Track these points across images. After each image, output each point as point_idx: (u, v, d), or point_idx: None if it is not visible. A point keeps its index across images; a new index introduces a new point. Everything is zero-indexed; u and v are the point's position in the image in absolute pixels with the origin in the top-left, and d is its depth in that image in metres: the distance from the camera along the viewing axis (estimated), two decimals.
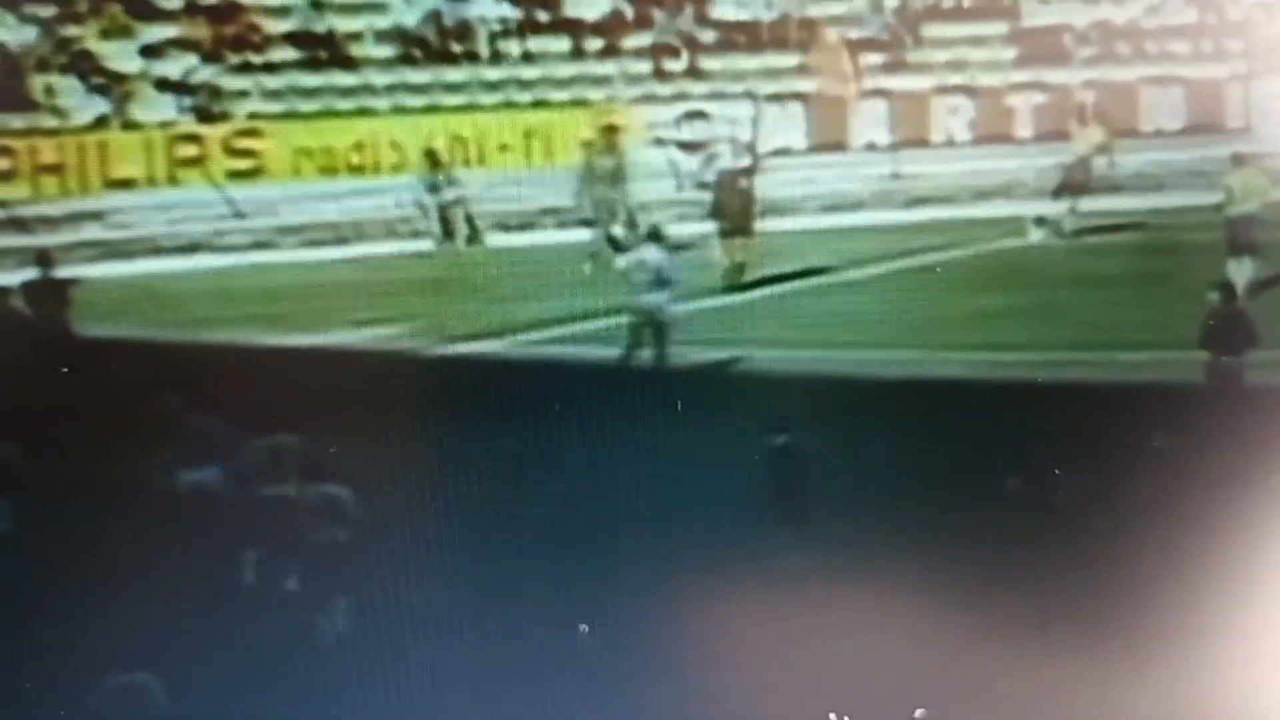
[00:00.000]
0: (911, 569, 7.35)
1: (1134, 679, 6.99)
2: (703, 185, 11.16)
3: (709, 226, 10.45)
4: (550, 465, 7.74)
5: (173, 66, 11.60)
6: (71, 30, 11.61)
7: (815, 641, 7.00)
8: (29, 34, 11.61)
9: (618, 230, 10.81)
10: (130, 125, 11.28)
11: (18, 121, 11.19)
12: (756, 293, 10.34)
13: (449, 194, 11.14)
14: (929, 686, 7.11)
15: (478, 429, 8.03)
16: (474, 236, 11.10)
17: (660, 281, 9.70)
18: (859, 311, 9.78)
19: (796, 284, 10.32)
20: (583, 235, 10.75)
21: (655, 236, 10.06)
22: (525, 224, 10.88)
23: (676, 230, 10.36)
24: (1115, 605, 7.25)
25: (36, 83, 11.29)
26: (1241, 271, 10.23)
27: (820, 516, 7.67)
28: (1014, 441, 8.36)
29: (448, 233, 11.10)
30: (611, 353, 9.36)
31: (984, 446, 8.33)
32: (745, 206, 10.70)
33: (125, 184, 10.98)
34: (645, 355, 9.50)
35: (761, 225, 10.63)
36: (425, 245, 11.01)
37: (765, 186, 11.16)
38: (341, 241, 10.94)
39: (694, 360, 9.28)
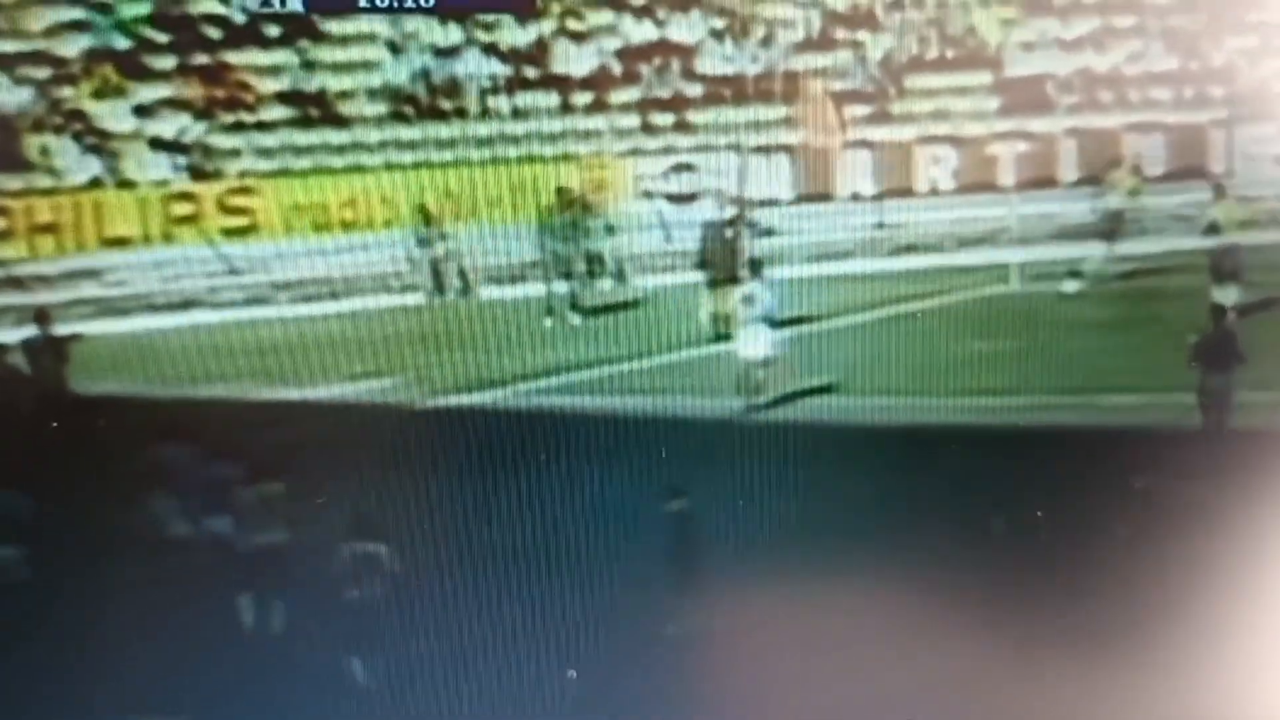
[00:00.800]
0: (897, 608, 7.78)
1: None
2: (690, 236, 11.72)
3: (696, 276, 11.03)
4: (541, 515, 8.35)
5: (166, 126, 12.23)
6: (65, 91, 12.24)
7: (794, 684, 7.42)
8: (24, 95, 12.26)
9: (577, 285, 11.36)
10: (124, 184, 11.90)
11: (14, 182, 11.80)
12: (730, 344, 10.82)
13: (440, 248, 11.72)
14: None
15: (470, 480, 8.50)
16: (465, 289, 11.67)
17: (765, 318, 10.27)
18: (847, 358, 10.30)
19: (784, 332, 10.81)
20: (561, 288, 11.30)
21: (757, 270, 10.63)
22: (516, 276, 11.46)
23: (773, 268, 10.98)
24: (1095, 650, 7.67)
25: (32, 143, 11.91)
26: (1226, 298, 10.83)
27: (810, 559, 8.09)
28: (1000, 484, 8.81)
29: (439, 286, 11.66)
30: (622, 400, 9.84)
31: (969, 489, 8.77)
32: (732, 256, 11.24)
33: (120, 242, 11.57)
34: (740, 390, 10.31)
35: (744, 275, 11.14)
36: (417, 299, 11.55)
37: (751, 236, 11.71)
38: (334, 296, 11.46)
39: (680, 406, 9.79)
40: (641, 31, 13.51)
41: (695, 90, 13.10)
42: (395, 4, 8.43)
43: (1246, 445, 9.38)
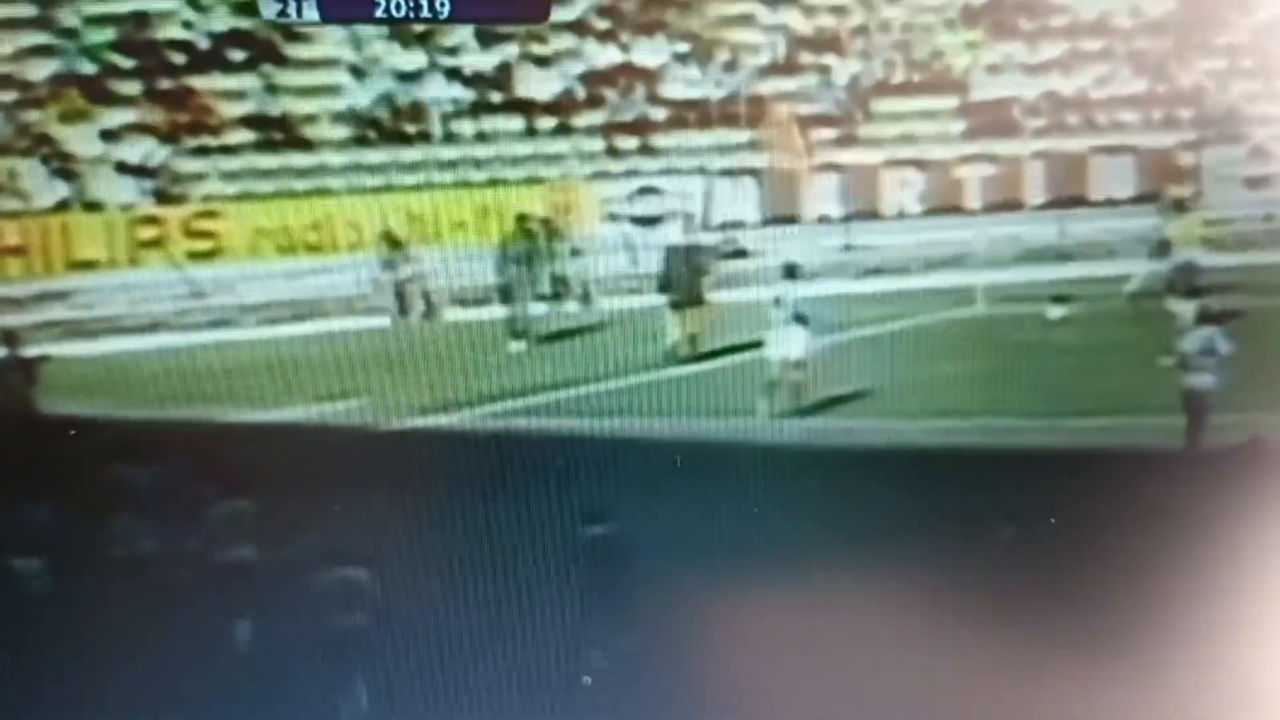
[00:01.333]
0: (859, 638, 7.91)
1: None
2: (657, 259, 11.91)
3: (659, 299, 11.23)
4: (508, 536, 8.44)
5: (131, 150, 12.52)
6: (33, 115, 12.53)
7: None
8: None
9: (542, 308, 11.58)
10: (91, 207, 12.18)
11: None
12: (709, 364, 11.01)
13: (405, 270, 11.96)
14: None
15: (434, 502, 8.70)
16: (430, 312, 11.89)
17: (798, 318, 10.48)
18: (812, 380, 10.44)
19: (750, 355, 10.96)
20: (527, 311, 11.50)
21: (791, 273, 10.85)
22: (481, 299, 11.67)
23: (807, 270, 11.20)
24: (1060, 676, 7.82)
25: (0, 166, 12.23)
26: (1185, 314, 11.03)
27: (773, 584, 8.23)
28: (961, 506, 8.94)
29: (404, 309, 11.89)
30: (588, 422, 10.01)
31: (936, 511, 8.90)
32: (696, 279, 11.48)
33: (87, 265, 11.84)
34: (771, 396, 10.52)
35: (713, 297, 11.37)
36: (382, 321, 11.75)
37: (717, 259, 11.94)
38: (299, 319, 11.68)
39: (646, 429, 9.93)
40: (605, 55, 13.88)
41: (660, 114, 13.42)
42: (410, 13, 8.64)
43: (1220, 464, 9.54)
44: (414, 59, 13.39)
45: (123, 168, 12.57)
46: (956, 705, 7.74)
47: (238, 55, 13.13)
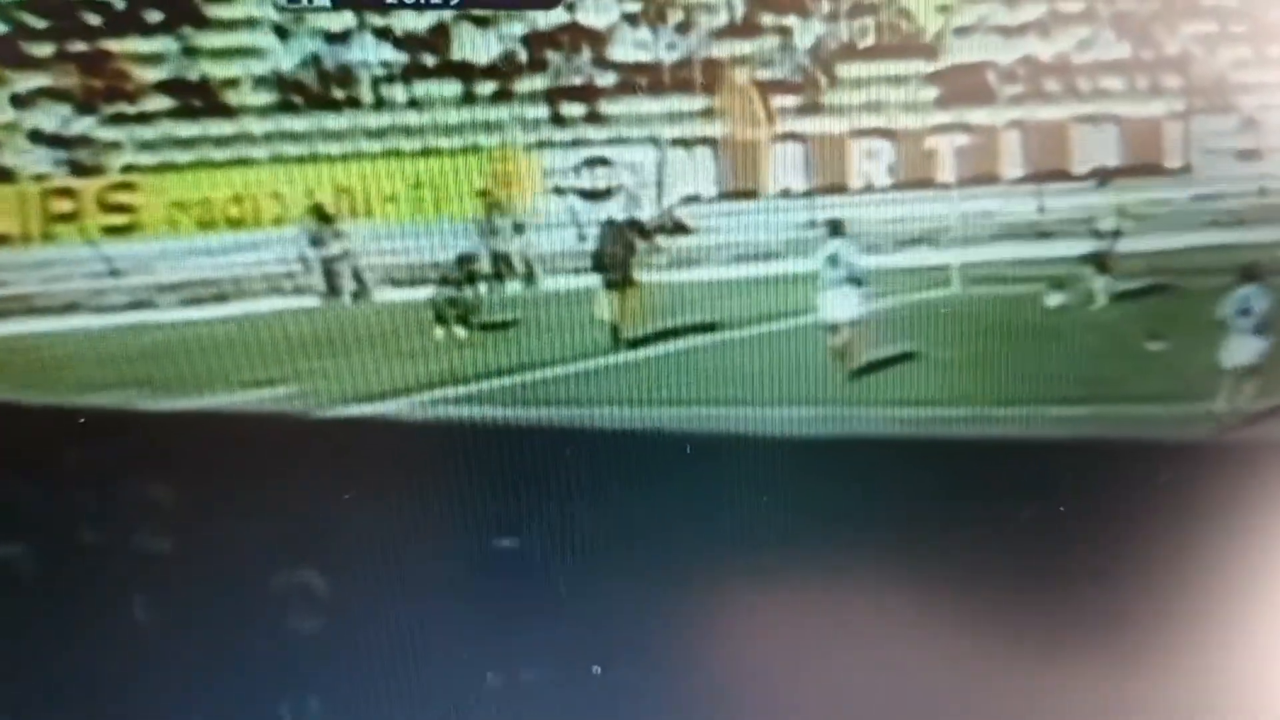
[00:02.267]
0: (850, 630, 7.79)
1: None
2: (604, 235, 11.66)
3: (595, 279, 10.93)
4: (444, 528, 8.47)
5: (44, 117, 12.16)
6: None
7: None
8: None
9: (483, 287, 11.29)
10: (1, 178, 11.79)
11: None
12: (656, 348, 10.82)
13: (334, 247, 11.65)
14: None
15: (370, 494, 8.47)
16: (362, 292, 11.58)
17: (852, 279, 10.27)
18: (772, 366, 10.24)
19: (704, 338, 10.80)
20: (466, 290, 11.23)
21: (836, 230, 10.60)
22: (416, 278, 11.37)
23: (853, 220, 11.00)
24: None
25: None
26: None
27: (756, 575, 8.10)
28: (932, 501, 8.79)
29: (334, 288, 11.57)
30: (535, 410, 9.80)
31: (899, 507, 8.74)
32: (648, 256, 11.21)
33: None
34: (824, 362, 10.04)
35: (665, 276, 11.11)
36: (310, 301, 11.46)
37: (669, 234, 11.67)
38: (221, 299, 11.43)
39: (599, 418, 9.75)
40: (549, 15, 13.44)
41: (608, 79, 13.02)
42: (423, 0, 8.36)
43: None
44: (342, 18, 12.97)
45: (35, 136, 12.17)
46: (961, 697, 7.67)
47: (154, 16, 12.72)
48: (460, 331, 11.39)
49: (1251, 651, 8.34)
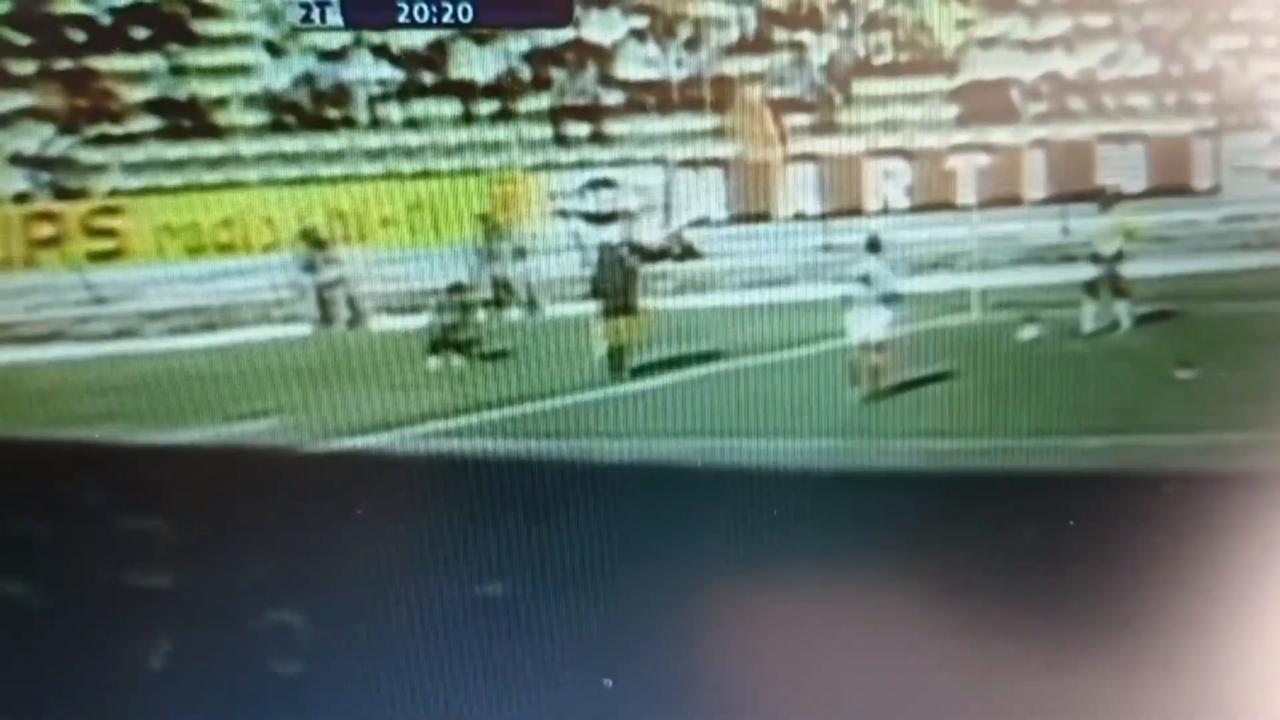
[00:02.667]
0: (863, 659, 7.80)
1: None
2: (610, 260, 11.39)
3: (599, 305, 10.61)
4: (440, 563, 8.16)
5: (26, 138, 11.85)
6: None
7: None
8: None
9: (483, 315, 11.03)
10: None
11: None
12: (662, 377, 10.55)
13: (328, 273, 11.35)
14: None
15: (360, 531, 8.28)
16: (356, 320, 11.28)
17: (885, 298, 10.03)
18: (783, 395, 9.96)
19: (712, 366, 10.53)
20: (465, 318, 10.96)
21: (874, 247, 10.32)
22: (413, 306, 11.06)
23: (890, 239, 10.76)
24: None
25: None
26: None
27: (760, 601, 7.93)
28: (954, 537, 8.56)
29: (327, 316, 11.27)
30: (536, 443, 9.56)
31: (919, 542, 8.53)
32: (641, 282, 10.91)
33: None
34: (838, 390, 9.80)
35: (672, 303, 10.81)
36: (302, 330, 11.16)
37: (676, 259, 11.37)
38: (210, 328, 11.14)
39: (602, 450, 9.49)
40: (553, 31, 13.11)
41: (614, 98, 12.67)
42: (434, 19, 8.14)
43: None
44: (337, 35, 12.62)
45: (16, 159, 11.84)
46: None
47: (141, 32, 12.40)
48: (458, 361, 11.07)
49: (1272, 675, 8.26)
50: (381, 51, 13.44)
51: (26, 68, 12.97)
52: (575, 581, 8.48)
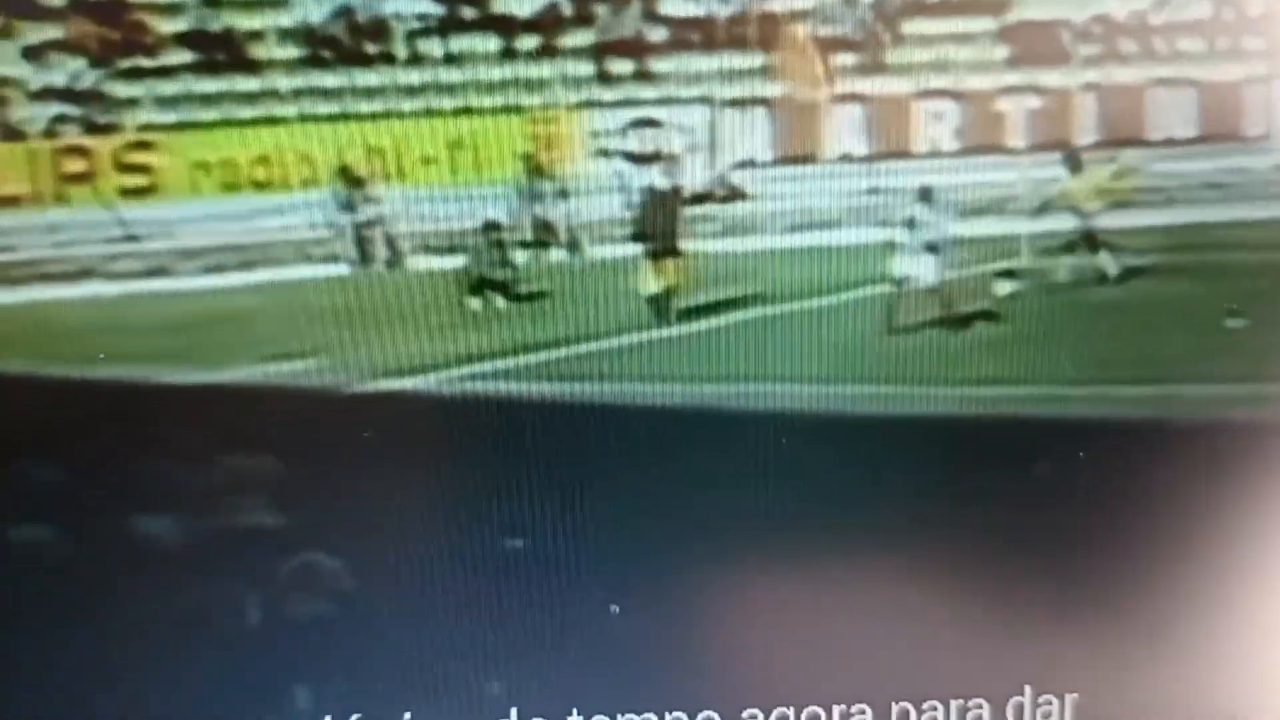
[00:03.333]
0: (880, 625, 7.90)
1: None
2: (652, 200, 11.27)
3: (642, 247, 10.48)
4: (475, 504, 8.12)
5: (57, 71, 11.68)
6: None
7: None
8: None
9: (524, 256, 10.95)
10: (11, 136, 11.29)
11: None
12: (705, 321, 10.49)
13: (366, 212, 11.15)
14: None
15: (399, 473, 8.36)
16: (395, 260, 11.14)
17: (932, 243, 10.04)
18: (827, 340, 9.93)
19: (756, 310, 10.46)
20: (506, 258, 10.89)
21: (922, 191, 10.27)
22: (453, 245, 10.91)
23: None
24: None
25: None
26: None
27: (781, 568, 8.07)
28: (994, 485, 8.68)
29: (365, 256, 11.12)
30: (576, 386, 9.59)
31: (957, 491, 8.63)
32: (685, 223, 10.87)
33: (7, 202, 10.98)
34: (884, 336, 9.80)
35: (716, 245, 10.74)
36: (340, 269, 11.03)
37: (721, 201, 11.27)
38: (246, 266, 10.95)
39: (645, 393, 9.49)
40: None
41: (658, 34, 12.45)
42: None
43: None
44: None
45: (47, 92, 11.64)
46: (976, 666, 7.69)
47: None
48: (499, 302, 10.87)
49: None
50: None
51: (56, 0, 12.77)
52: (611, 525, 8.48)
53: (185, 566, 8.08)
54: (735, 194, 11.24)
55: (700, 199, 10.90)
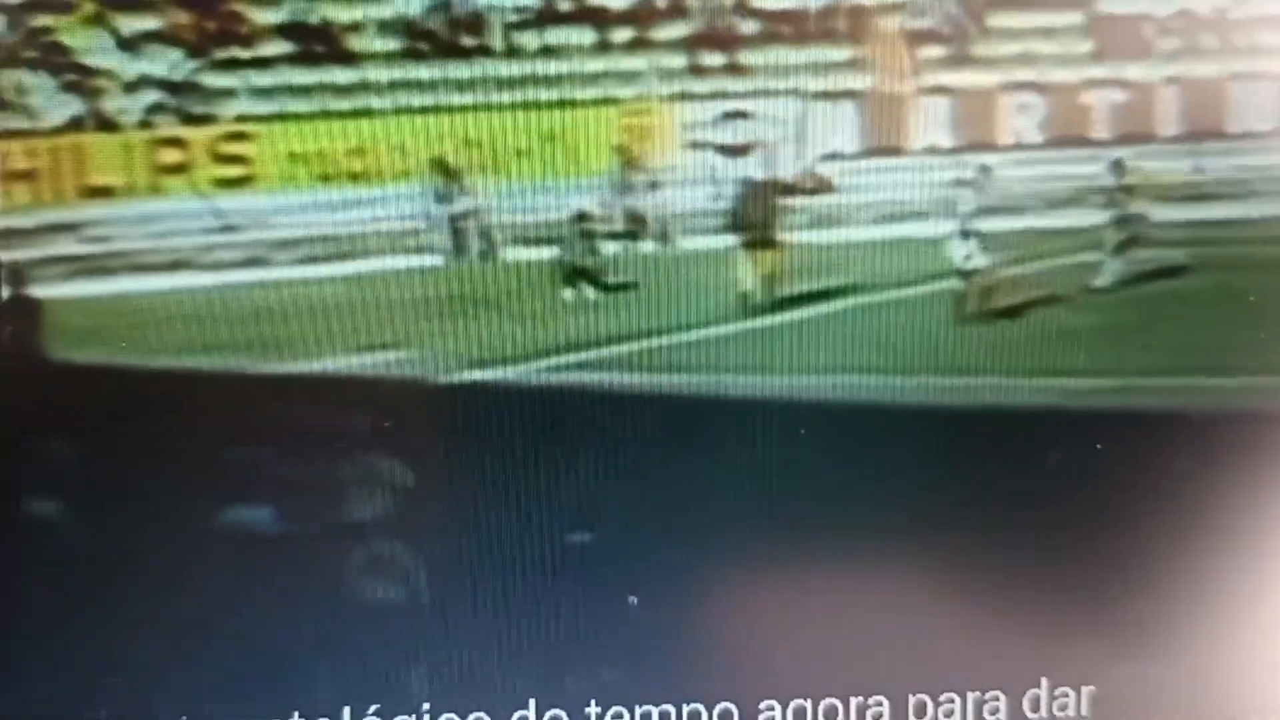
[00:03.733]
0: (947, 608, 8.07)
1: None
2: (743, 192, 11.29)
3: (733, 239, 10.53)
4: (567, 496, 8.33)
5: (153, 62, 11.70)
6: (40, 20, 11.67)
7: None
8: None
9: (616, 247, 10.98)
10: (107, 127, 11.33)
11: None
12: (794, 312, 10.54)
13: (461, 203, 11.16)
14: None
15: (491, 465, 8.42)
16: (489, 251, 11.17)
17: (1018, 234, 10.14)
18: (912, 332, 10.02)
19: (844, 301, 10.52)
20: (598, 249, 10.94)
21: (1006, 183, 10.35)
22: (547, 237, 10.97)
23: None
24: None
25: (4, 80, 11.39)
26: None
27: (855, 553, 8.21)
28: (1081, 475, 8.75)
29: (459, 247, 11.14)
30: (650, 378, 9.66)
31: (1043, 481, 8.71)
32: (785, 216, 10.91)
33: (102, 192, 11.00)
34: (968, 327, 9.88)
35: (805, 237, 10.76)
36: (434, 260, 11.05)
37: (809, 193, 11.30)
38: (341, 257, 10.98)
39: (734, 384, 9.58)
40: None
41: (750, 27, 12.50)
42: None
43: None
44: None
45: (143, 82, 11.66)
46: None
47: None
48: (590, 293, 10.89)
49: None
50: None
51: None
52: (715, 513, 8.55)
53: (276, 556, 8.16)
54: (823, 186, 11.28)
55: (789, 191, 10.96)
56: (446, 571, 8.01)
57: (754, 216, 10.59)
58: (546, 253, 10.66)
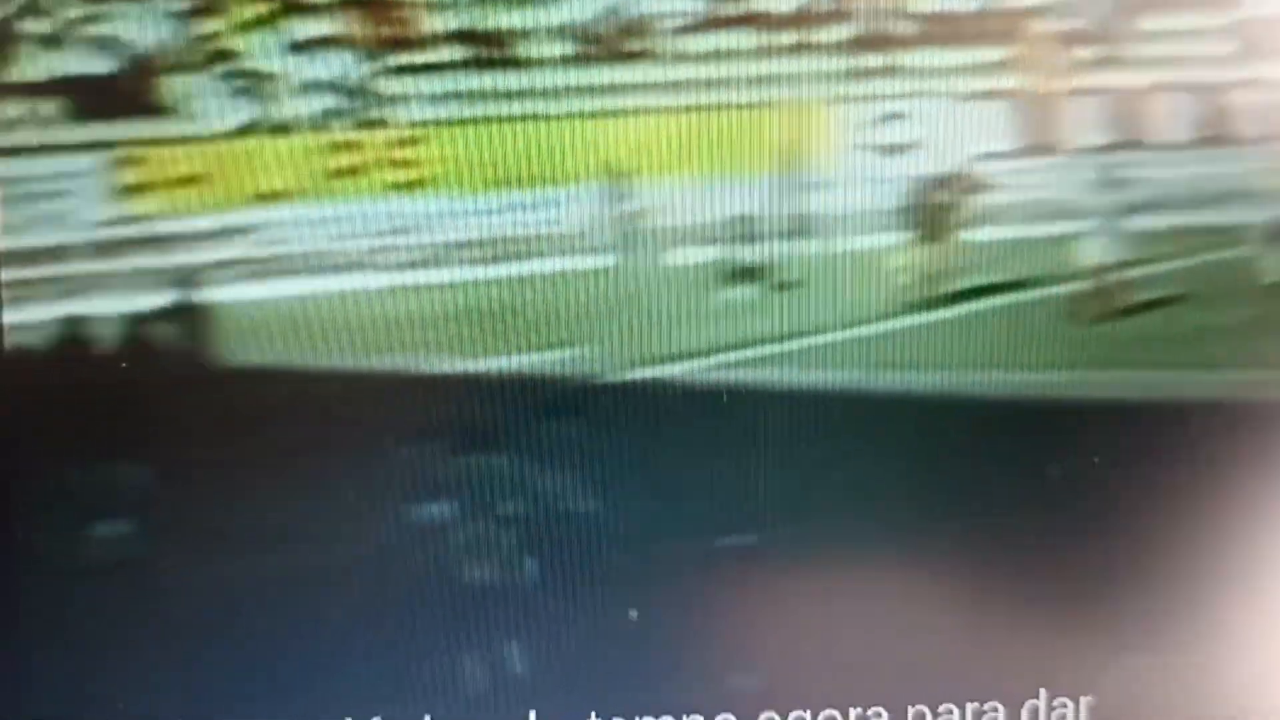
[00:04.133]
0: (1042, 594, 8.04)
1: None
2: (902, 192, 11.44)
3: (892, 238, 10.69)
4: (739, 493, 8.39)
5: (325, 66, 11.88)
6: (210, 24, 11.85)
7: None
8: (163, 31, 11.92)
9: (778, 247, 11.12)
10: (278, 131, 11.52)
11: (152, 129, 11.48)
12: (953, 309, 10.67)
13: (628, 205, 11.34)
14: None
15: (657, 457, 8.56)
16: (655, 251, 11.36)
17: (1163, 233, 10.28)
18: (1062, 329, 10.15)
19: (997, 299, 10.66)
20: (761, 249, 11.08)
21: (1153, 182, 10.47)
22: (708, 238, 11.15)
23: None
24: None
25: (173, 85, 11.59)
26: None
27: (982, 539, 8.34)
28: (1217, 466, 8.88)
29: (627, 248, 11.32)
30: (832, 373, 9.80)
31: (1184, 473, 8.83)
32: (941, 215, 11.05)
33: (274, 196, 11.21)
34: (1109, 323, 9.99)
35: (962, 235, 10.89)
36: (602, 261, 11.21)
37: (966, 192, 11.42)
38: (510, 258, 11.16)
39: (895, 381, 9.74)
40: None
41: (908, 29, 12.65)
42: None
43: None
44: None
45: (315, 86, 11.85)
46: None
47: None
48: (754, 292, 11.07)
49: None
50: None
51: None
52: (878, 505, 8.67)
53: (449, 548, 8.34)
54: (977, 185, 11.45)
55: (944, 189, 11.14)
56: (613, 562, 8.22)
57: (912, 215, 10.79)
58: (711, 253, 10.86)
